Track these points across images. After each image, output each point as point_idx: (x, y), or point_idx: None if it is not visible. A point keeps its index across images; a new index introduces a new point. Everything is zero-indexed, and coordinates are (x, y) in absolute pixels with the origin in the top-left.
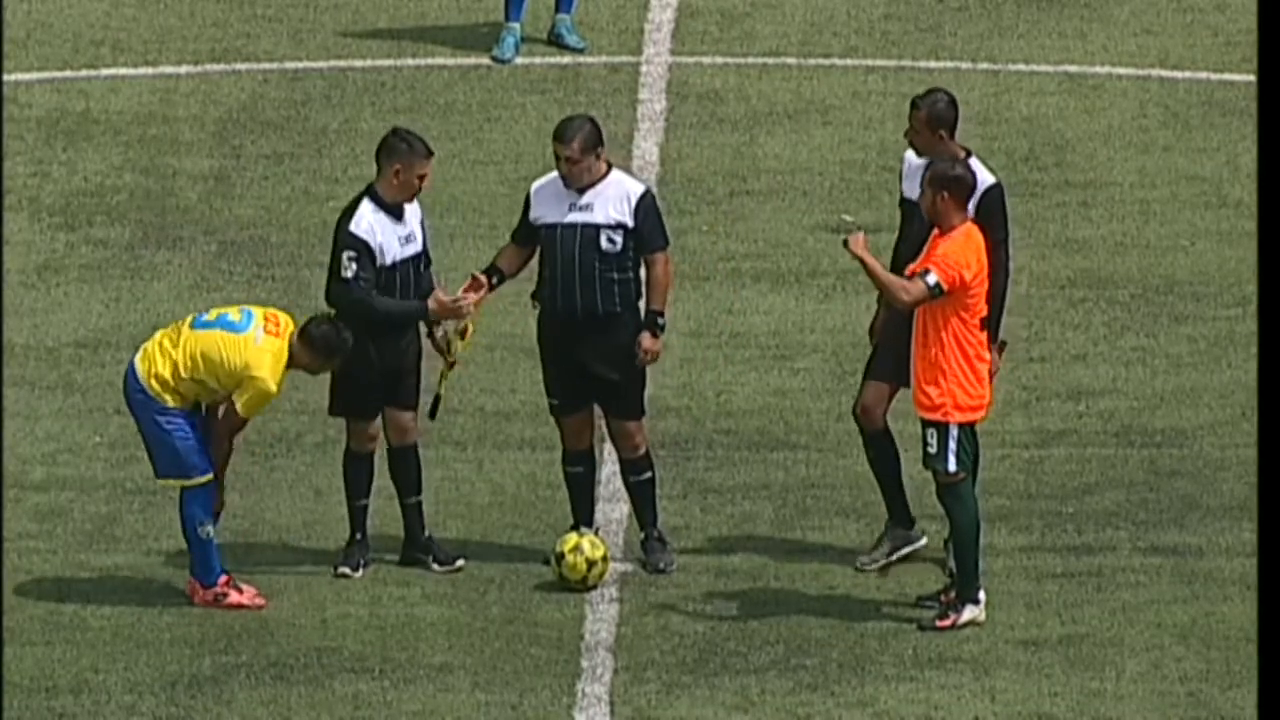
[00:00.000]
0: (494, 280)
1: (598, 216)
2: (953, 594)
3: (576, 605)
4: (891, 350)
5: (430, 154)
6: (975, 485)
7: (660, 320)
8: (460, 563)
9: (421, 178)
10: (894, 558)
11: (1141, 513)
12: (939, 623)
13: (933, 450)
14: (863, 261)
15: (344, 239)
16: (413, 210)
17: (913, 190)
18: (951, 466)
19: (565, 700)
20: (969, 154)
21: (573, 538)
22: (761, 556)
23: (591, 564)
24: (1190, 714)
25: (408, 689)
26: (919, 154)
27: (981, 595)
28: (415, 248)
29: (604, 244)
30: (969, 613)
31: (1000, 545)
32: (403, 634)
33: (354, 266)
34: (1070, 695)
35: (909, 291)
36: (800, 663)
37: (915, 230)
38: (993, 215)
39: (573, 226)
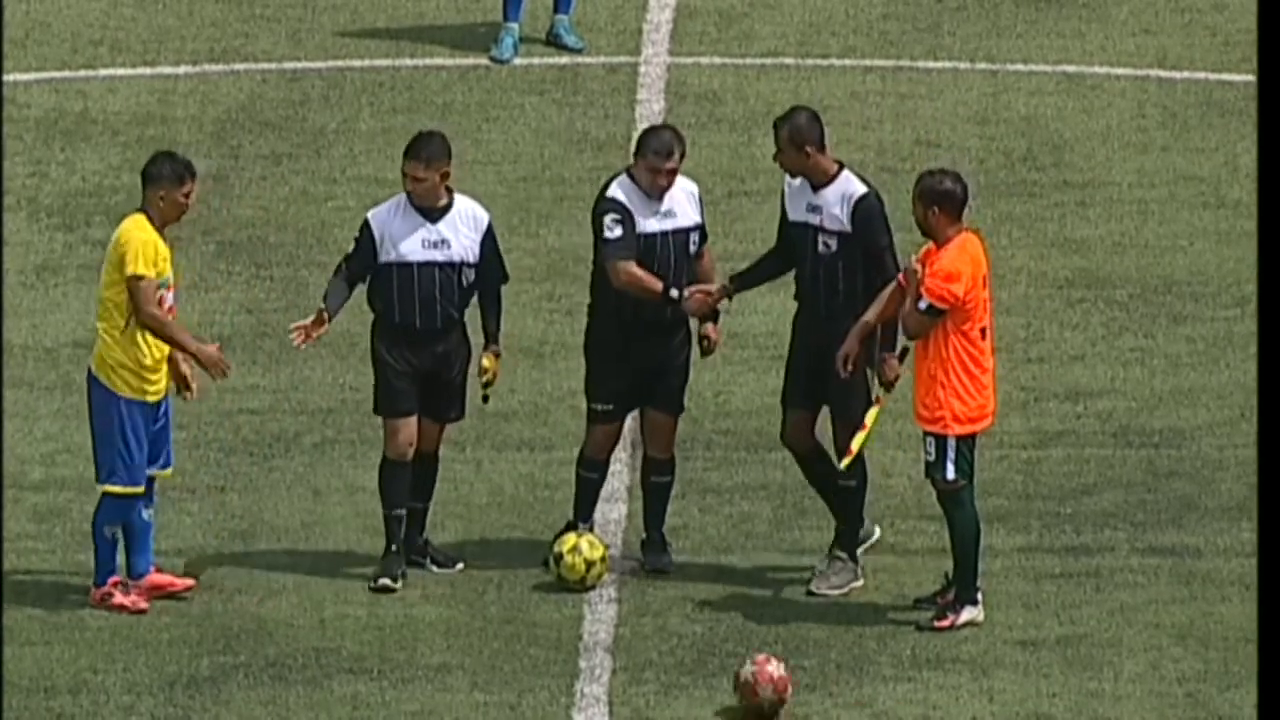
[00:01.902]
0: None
1: (682, 221)
2: (950, 595)
3: (575, 606)
4: (801, 376)
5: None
6: (974, 487)
7: (717, 310)
8: (460, 566)
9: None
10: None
11: (1140, 513)
12: (937, 623)
13: (931, 458)
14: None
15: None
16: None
17: (797, 212)
18: (950, 475)
19: (564, 700)
20: (841, 166)
21: (571, 538)
22: (760, 557)
23: (590, 564)
24: (1188, 714)
25: (406, 689)
26: (792, 174)
27: (980, 596)
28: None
29: (691, 247)
30: (967, 614)
31: (998, 546)
32: (401, 634)
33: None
34: (1068, 695)
35: (907, 326)
36: (798, 663)
37: (783, 249)
38: (869, 224)
39: (664, 234)
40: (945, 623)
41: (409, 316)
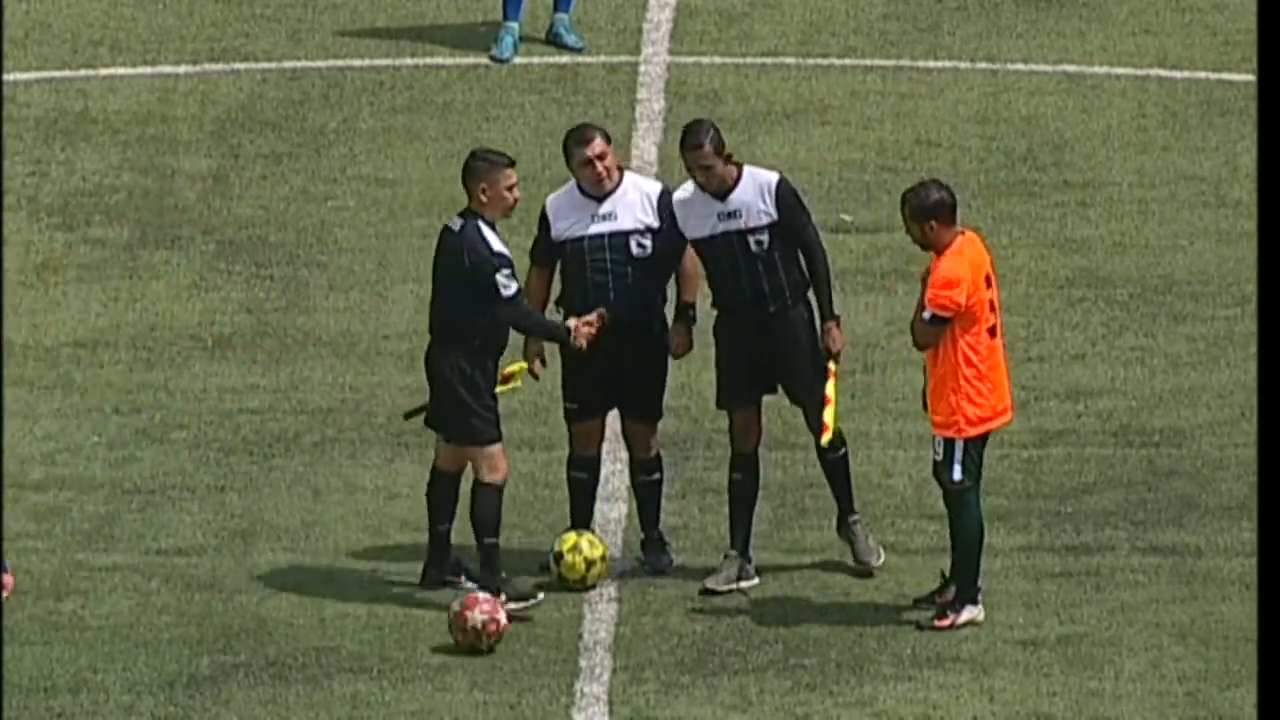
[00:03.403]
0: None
1: (625, 223)
2: (948, 594)
3: (575, 605)
4: (742, 374)
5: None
6: (980, 488)
7: (692, 312)
8: (537, 598)
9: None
10: (741, 585)
11: (1140, 512)
12: (937, 623)
13: (939, 458)
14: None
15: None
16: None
17: (704, 229)
18: (956, 476)
19: (564, 700)
20: (741, 166)
21: (571, 537)
22: (760, 556)
23: (590, 563)
24: (1189, 714)
25: (406, 688)
26: (705, 187)
27: (980, 596)
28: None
29: (634, 250)
30: (968, 613)
31: (999, 545)
32: (401, 633)
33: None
34: (1069, 695)
35: (916, 337)
36: (799, 662)
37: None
38: (788, 207)
39: (600, 237)
40: (945, 622)
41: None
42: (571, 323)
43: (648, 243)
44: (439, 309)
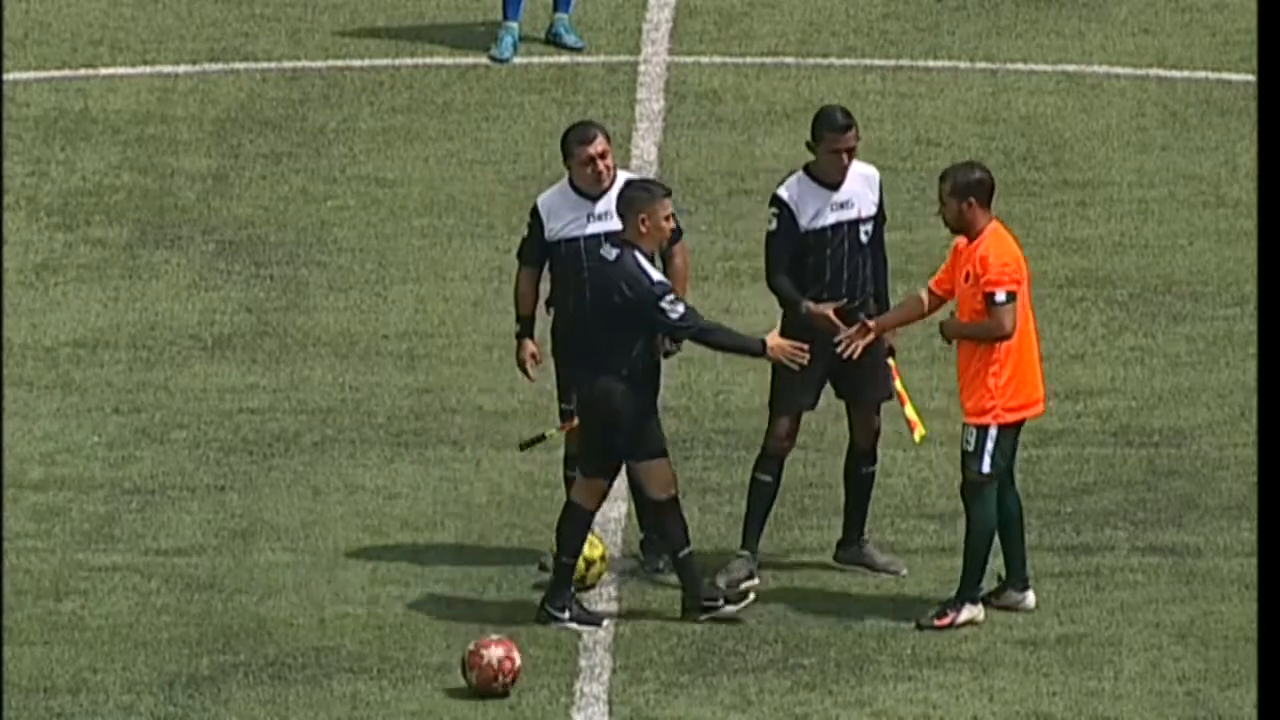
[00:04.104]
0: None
1: (617, 221)
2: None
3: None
4: (816, 376)
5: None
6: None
7: None
8: (752, 597)
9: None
10: (743, 587)
11: (1140, 512)
12: (937, 621)
13: (969, 449)
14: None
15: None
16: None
17: (821, 219)
18: (985, 468)
19: (563, 700)
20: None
21: None
22: (760, 556)
23: (590, 563)
24: (1188, 713)
25: (406, 688)
26: (832, 175)
27: (981, 596)
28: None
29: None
30: (967, 612)
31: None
32: (401, 633)
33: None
34: (1068, 695)
35: (990, 327)
36: (798, 662)
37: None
38: (883, 201)
39: (596, 237)
40: (944, 620)
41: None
42: (771, 339)
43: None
44: (586, 338)
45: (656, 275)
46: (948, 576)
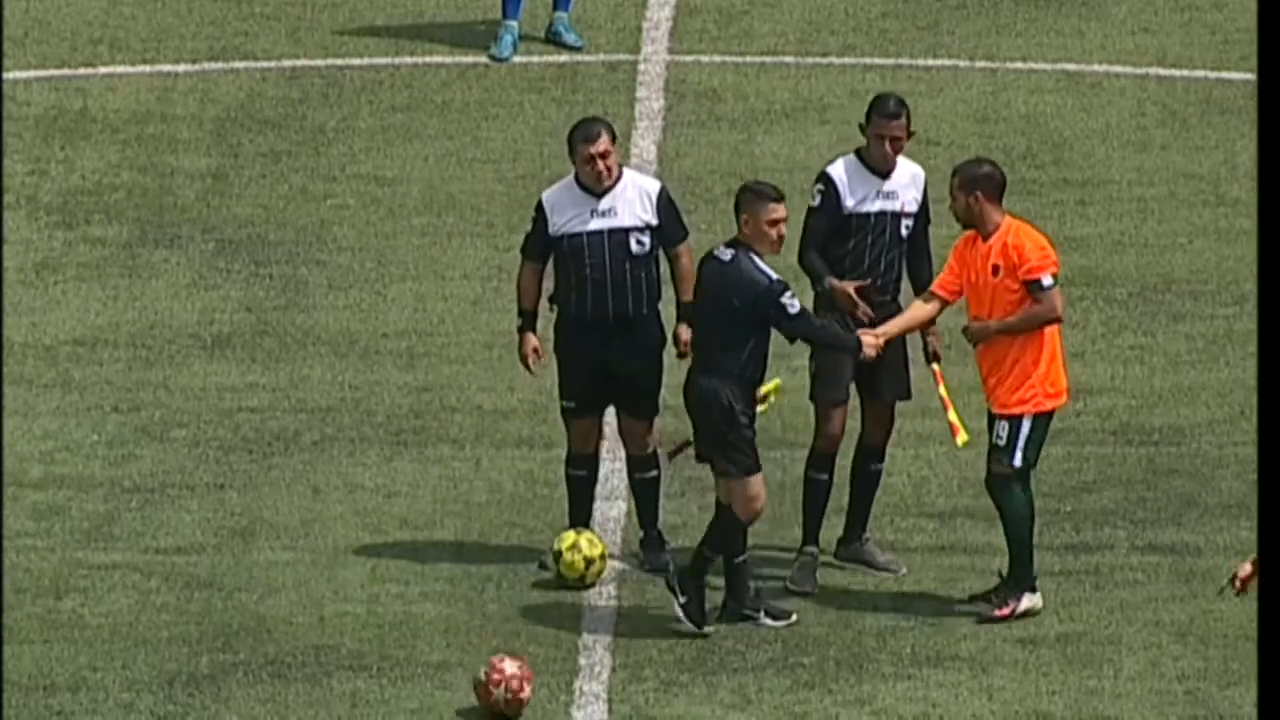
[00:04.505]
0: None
1: (624, 220)
2: (1003, 593)
3: (574, 604)
4: (849, 367)
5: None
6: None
7: (691, 311)
8: (794, 617)
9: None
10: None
11: (1139, 511)
12: (997, 612)
13: (1001, 443)
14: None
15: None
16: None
17: (868, 203)
18: (1017, 462)
19: (563, 698)
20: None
21: (570, 536)
22: (759, 555)
23: (589, 562)
24: (1188, 712)
25: (405, 687)
26: (882, 162)
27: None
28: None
29: (634, 247)
30: (1027, 601)
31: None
32: (400, 632)
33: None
34: (1068, 693)
35: (1040, 312)
36: (798, 661)
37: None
38: (927, 201)
39: (599, 234)
40: (1005, 610)
41: None
42: (863, 335)
43: (646, 240)
44: (701, 339)
45: (774, 274)
46: (947, 575)
